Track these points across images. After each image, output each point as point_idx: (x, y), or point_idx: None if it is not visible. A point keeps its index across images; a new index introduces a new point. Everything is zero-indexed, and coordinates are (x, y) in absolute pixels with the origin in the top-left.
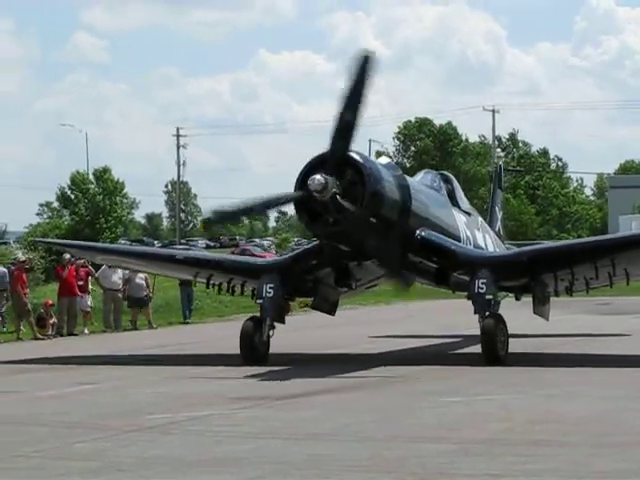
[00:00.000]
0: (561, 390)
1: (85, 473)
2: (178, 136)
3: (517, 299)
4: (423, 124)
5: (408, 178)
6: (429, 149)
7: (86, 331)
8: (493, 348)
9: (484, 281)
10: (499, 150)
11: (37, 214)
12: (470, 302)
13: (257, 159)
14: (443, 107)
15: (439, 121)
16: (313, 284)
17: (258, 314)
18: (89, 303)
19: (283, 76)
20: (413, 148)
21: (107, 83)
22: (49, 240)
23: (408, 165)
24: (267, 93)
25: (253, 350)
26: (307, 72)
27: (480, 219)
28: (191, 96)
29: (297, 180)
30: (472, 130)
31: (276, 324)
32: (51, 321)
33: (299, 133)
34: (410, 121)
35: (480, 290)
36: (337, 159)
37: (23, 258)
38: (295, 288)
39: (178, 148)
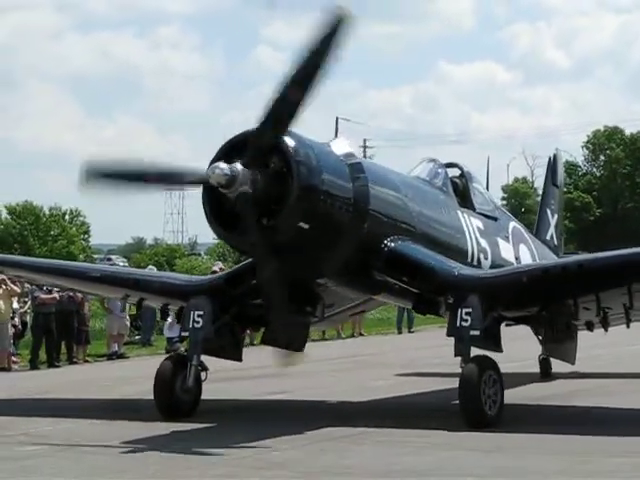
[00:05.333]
0: None
1: None
2: (365, 147)
3: (537, 333)
4: (613, 133)
5: (374, 169)
6: (619, 158)
7: None
8: (476, 405)
9: (469, 311)
10: None
11: None
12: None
13: None
14: (628, 116)
15: (629, 130)
16: (263, 311)
17: None
18: None
19: (463, 87)
20: (602, 157)
21: None
22: None
23: (598, 174)
24: (448, 104)
25: (172, 401)
26: (488, 82)
27: (513, 224)
28: (373, 108)
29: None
30: None
31: (226, 362)
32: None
33: (480, 144)
34: (599, 130)
35: (463, 323)
36: (259, 144)
37: (219, 267)
38: (238, 315)
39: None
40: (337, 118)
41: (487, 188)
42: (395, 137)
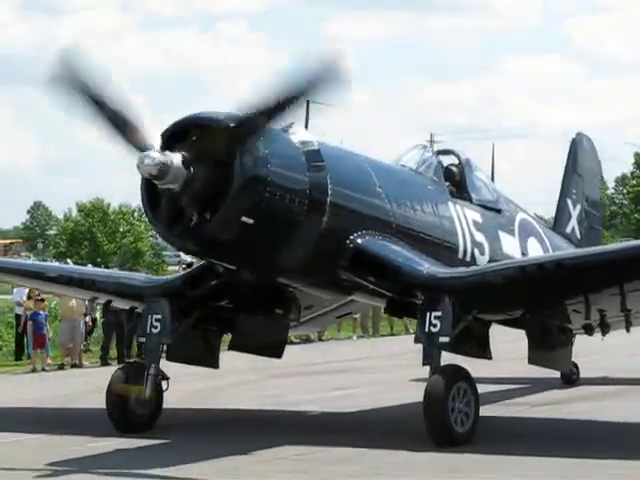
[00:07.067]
0: None
1: (346, 477)
2: (432, 142)
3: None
4: None
5: (338, 157)
6: None
7: (354, 337)
8: (441, 421)
9: (439, 315)
10: None
11: None
12: None
13: (503, 165)
14: None
15: None
16: (231, 313)
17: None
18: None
19: (527, 80)
20: None
21: (353, 91)
22: None
23: None
24: (512, 98)
25: (126, 413)
26: (551, 76)
27: (522, 216)
28: (436, 103)
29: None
30: None
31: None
32: None
33: (544, 137)
34: None
35: (432, 329)
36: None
37: None
38: (204, 319)
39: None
40: (308, 102)
41: (492, 178)
42: (460, 130)
